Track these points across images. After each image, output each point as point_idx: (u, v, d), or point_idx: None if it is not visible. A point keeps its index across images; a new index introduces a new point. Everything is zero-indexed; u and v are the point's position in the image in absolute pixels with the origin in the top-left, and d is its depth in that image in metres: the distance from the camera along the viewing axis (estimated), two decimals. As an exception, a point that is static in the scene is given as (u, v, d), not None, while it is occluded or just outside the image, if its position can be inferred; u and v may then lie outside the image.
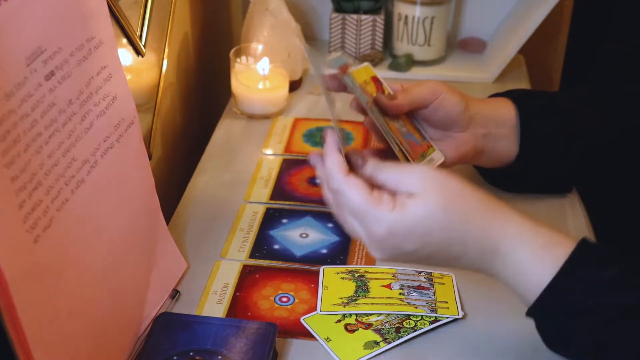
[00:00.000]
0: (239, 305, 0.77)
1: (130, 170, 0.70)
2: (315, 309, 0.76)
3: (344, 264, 0.82)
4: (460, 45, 1.32)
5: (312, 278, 0.80)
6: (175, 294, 0.78)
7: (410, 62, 1.24)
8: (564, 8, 1.41)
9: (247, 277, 0.80)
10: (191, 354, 0.68)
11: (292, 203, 0.92)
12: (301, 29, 1.19)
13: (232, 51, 1.10)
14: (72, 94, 0.60)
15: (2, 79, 0.51)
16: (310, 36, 1.33)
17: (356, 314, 0.75)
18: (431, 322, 0.75)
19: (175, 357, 0.67)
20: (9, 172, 0.51)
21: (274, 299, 0.78)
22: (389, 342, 0.72)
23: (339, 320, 0.75)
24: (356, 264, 0.82)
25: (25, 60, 0.54)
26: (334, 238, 0.86)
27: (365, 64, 0.87)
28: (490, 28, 1.31)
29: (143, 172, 0.73)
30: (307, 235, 0.87)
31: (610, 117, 0.90)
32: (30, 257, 0.53)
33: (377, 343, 0.73)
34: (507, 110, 0.88)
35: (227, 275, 0.81)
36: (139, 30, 0.88)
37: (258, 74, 1.10)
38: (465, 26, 1.32)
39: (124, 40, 0.85)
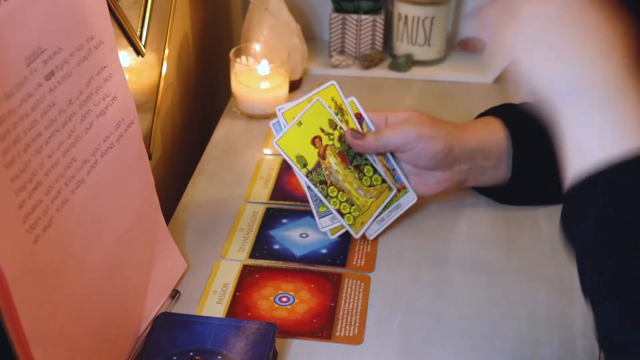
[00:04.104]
0: (238, 305, 0.77)
1: (130, 170, 0.70)
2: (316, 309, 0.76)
3: (344, 264, 0.82)
4: (460, 45, 1.31)
5: (312, 278, 0.80)
6: (175, 294, 0.78)
7: (410, 62, 1.24)
8: (564, 8, 1.41)
9: (247, 277, 0.80)
10: (191, 354, 0.68)
11: (292, 203, 0.92)
12: (301, 29, 1.19)
13: (232, 51, 1.10)
14: (72, 94, 0.60)
15: (2, 79, 0.51)
16: (310, 36, 1.33)
17: (331, 144, 0.83)
18: (337, 210, 0.82)
19: (175, 357, 0.67)
20: (9, 172, 0.51)
21: (274, 299, 0.78)
22: (308, 177, 0.81)
23: (322, 130, 0.83)
24: (356, 264, 0.82)
25: (25, 60, 0.54)
26: (334, 238, 0.86)
27: (351, 99, 0.87)
28: (490, 28, 1.31)
29: (143, 172, 0.73)
30: (307, 235, 0.87)
31: None
32: (30, 257, 0.53)
33: (304, 166, 0.81)
34: (496, 139, 0.86)
35: (227, 275, 0.81)
36: (139, 30, 0.88)
37: (258, 74, 1.10)
38: (465, 26, 1.32)
39: (124, 40, 0.85)
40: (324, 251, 0.84)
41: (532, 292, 0.79)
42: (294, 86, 1.17)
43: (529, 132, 0.86)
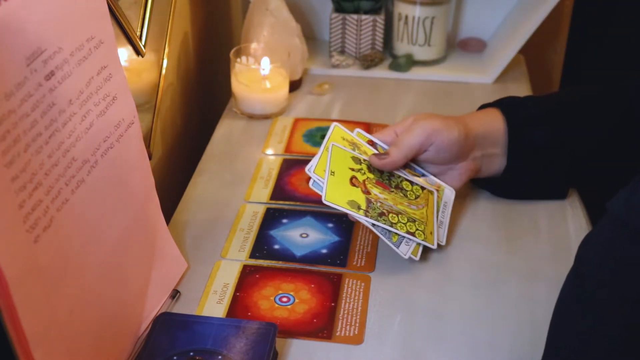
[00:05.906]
0: (239, 305, 0.77)
1: (130, 170, 0.70)
2: (316, 307, 0.76)
3: (344, 264, 0.82)
4: (460, 45, 1.31)
5: (313, 278, 0.80)
6: (175, 294, 0.78)
7: (410, 62, 1.24)
8: (564, 8, 1.41)
9: (247, 277, 0.80)
10: (191, 354, 0.68)
11: (292, 203, 0.92)
12: (301, 29, 1.19)
13: (232, 51, 1.10)
14: (72, 94, 0.60)
15: (2, 79, 0.51)
16: (310, 36, 1.33)
17: (366, 178, 0.81)
18: (407, 232, 0.80)
19: (175, 357, 0.67)
20: (9, 172, 0.51)
21: (274, 299, 0.78)
22: (367, 216, 0.79)
23: (352, 169, 0.81)
24: (356, 264, 0.82)
25: (25, 60, 0.54)
26: (334, 238, 0.86)
27: (356, 130, 0.88)
28: (490, 28, 1.31)
29: (143, 172, 0.73)
30: (307, 235, 0.87)
31: (603, 117, 0.89)
32: (30, 257, 0.53)
33: (359, 208, 0.79)
34: (498, 126, 0.88)
35: (227, 275, 0.81)
36: (139, 30, 0.88)
37: (258, 74, 1.10)
38: (465, 26, 1.32)
39: (124, 40, 0.85)
40: (324, 251, 0.84)
41: (532, 292, 0.79)
42: (294, 86, 1.17)
43: (525, 123, 0.87)
